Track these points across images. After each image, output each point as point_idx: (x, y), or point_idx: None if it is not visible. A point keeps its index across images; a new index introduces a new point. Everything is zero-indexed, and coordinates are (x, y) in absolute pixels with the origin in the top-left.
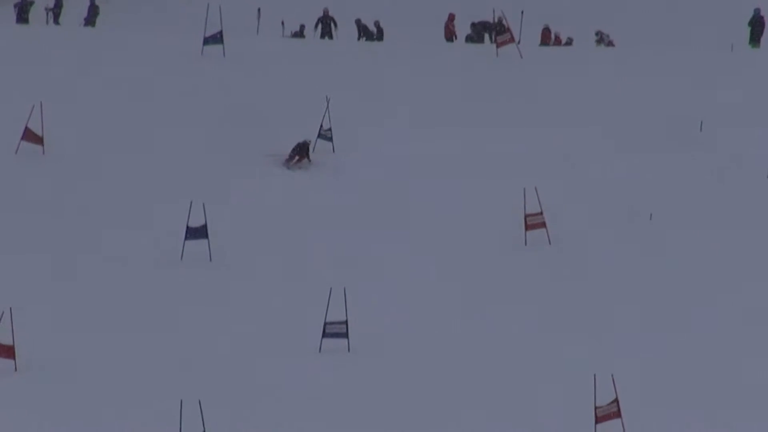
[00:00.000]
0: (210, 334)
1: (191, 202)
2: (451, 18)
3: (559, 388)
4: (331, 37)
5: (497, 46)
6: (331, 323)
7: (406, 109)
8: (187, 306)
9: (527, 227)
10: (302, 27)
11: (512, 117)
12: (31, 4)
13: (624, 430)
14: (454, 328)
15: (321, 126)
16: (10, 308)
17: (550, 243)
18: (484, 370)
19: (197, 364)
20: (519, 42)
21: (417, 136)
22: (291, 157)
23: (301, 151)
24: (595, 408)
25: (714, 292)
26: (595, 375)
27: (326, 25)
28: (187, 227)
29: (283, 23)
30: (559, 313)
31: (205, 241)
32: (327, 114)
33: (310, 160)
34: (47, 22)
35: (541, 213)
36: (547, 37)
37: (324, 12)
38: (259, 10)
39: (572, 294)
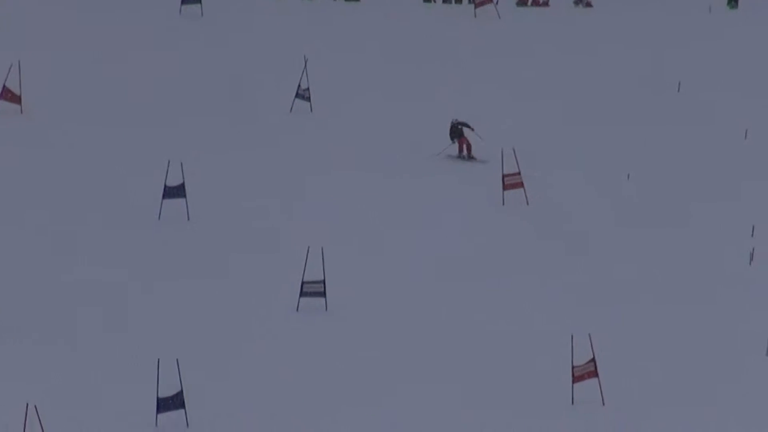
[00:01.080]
0: (186, 293)
1: (168, 162)
2: None
3: (537, 347)
4: None
5: (475, 7)
6: (309, 282)
7: (384, 69)
8: (163, 266)
9: (505, 187)
10: None
11: (489, 78)
12: None
13: (601, 389)
14: (431, 287)
15: (299, 86)
16: None
17: (528, 203)
18: (461, 329)
19: (173, 323)
20: (497, 2)
21: (395, 97)
22: (460, 149)
23: (457, 133)
24: (573, 367)
25: (693, 254)
26: (572, 335)
27: None
28: (165, 186)
29: None
30: (537, 273)
31: (182, 200)
32: (305, 74)
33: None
34: None
35: (519, 173)
36: None
37: None
38: None
39: (551, 254)
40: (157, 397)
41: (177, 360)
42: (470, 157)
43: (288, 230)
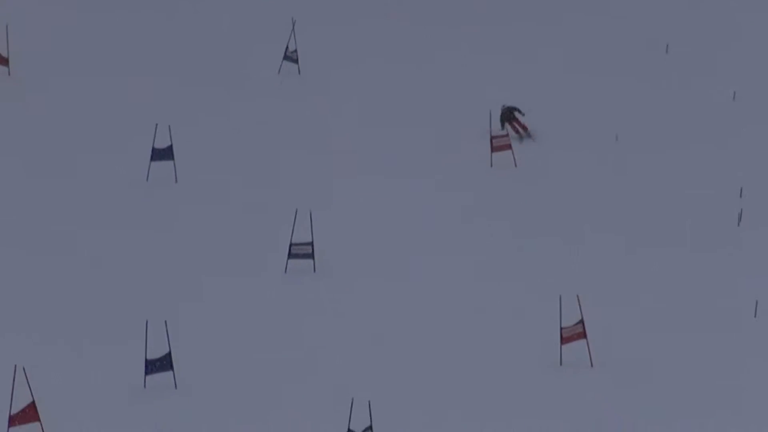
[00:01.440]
0: (175, 255)
1: (156, 124)
2: None
3: (525, 309)
4: None
5: None
6: (297, 244)
7: (378, 31)
8: (151, 227)
9: (493, 149)
10: None
11: (478, 37)
12: None
13: (589, 350)
14: (419, 247)
15: (287, 48)
16: None
17: (516, 165)
18: (451, 288)
19: (162, 283)
20: None
21: (388, 59)
22: (515, 130)
23: (509, 117)
24: (561, 329)
25: (681, 214)
26: (560, 296)
27: None
28: (153, 148)
29: None
30: (525, 235)
31: (170, 162)
32: (293, 36)
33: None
34: None
35: (507, 135)
36: None
37: None
38: None
39: (538, 215)
40: (146, 359)
41: (165, 321)
42: (527, 135)
43: (276, 193)
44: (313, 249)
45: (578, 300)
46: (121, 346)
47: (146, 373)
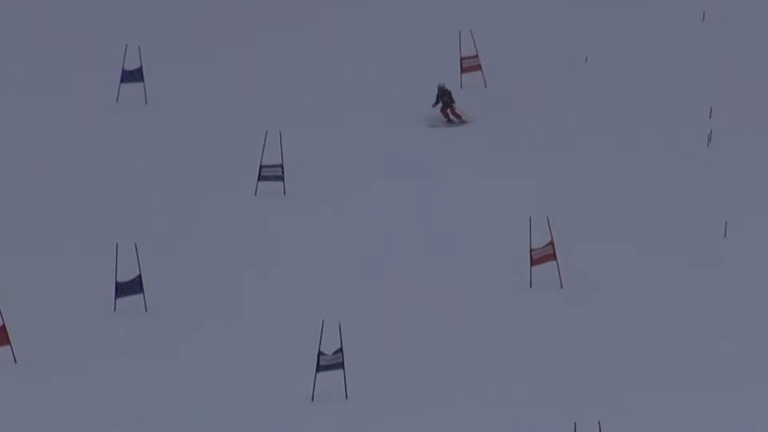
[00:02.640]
0: (144, 177)
1: (126, 45)
2: None
3: (497, 231)
4: None
5: None
6: (267, 166)
7: None
8: (120, 150)
9: (462, 70)
10: None
11: None
12: None
13: (558, 270)
14: (388, 169)
15: None
16: None
17: (486, 86)
18: (419, 210)
19: (131, 208)
20: None
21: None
22: (444, 112)
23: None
24: (531, 250)
25: (652, 136)
26: (530, 218)
27: None
28: (123, 70)
29: None
30: (497, 156)
31: (140, 84)
32: None
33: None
34: None
35: (477, 56)
36: None
37: None
38: None
39: (507, 134)
40: (116, 282)
41: (135, 244)
42: (458, 119)
43: (248, 112)
44: (283, 171)
45: (548, 221)
46: (91, 270)
47: (116, 296)
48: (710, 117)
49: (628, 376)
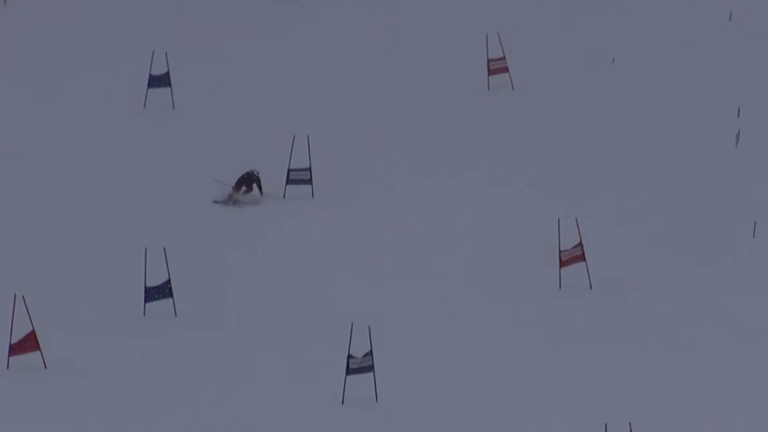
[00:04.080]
0: (174, 183)
1: (153, 51)
2: None
3: (524, 233)
4: None
5: None
6: (295, 170)
7: None
8: (148, 153)
9: (490, 72)
10: None
11: None
12: None
13: (588, 271)
14: (417, 169)
15: None
16: None
17: (513, 88)
18: (448, 209)
19: (160, 211)
20: None
21: None
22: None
23: (249, 181)
24: (560, 252)
25: (679, 136)
26: (559, 219)
27: None
28: (150, 75)
29: None
30: (522, 154)
31: (167, 89)
32: None
33: (261, 192)
34: None
35: (504, 58)
36: None
37: None
38: None
39: (535, 135)
40: (145, 286)
41: (164, 249)
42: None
43: (275, 116)
44: (311, 174)
45: (576, 222)
46: (120, 274)
47: (145, 301)
48: (738, 117)
49: (658, 379)
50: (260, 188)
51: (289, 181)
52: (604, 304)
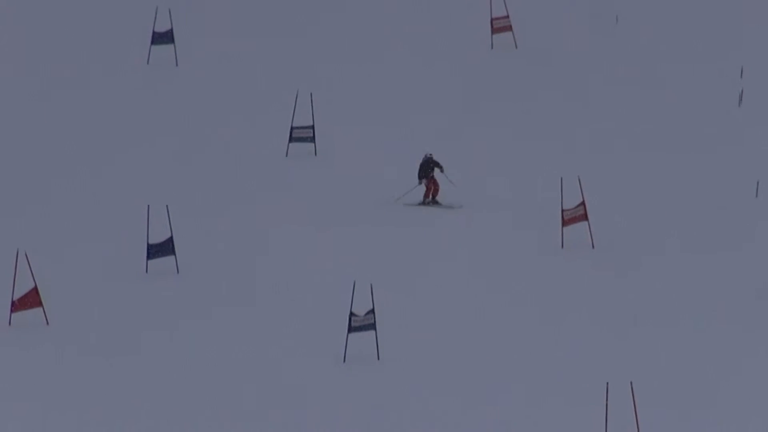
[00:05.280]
0: (175, 142)
1: (156, 7)
2: None
3: (527, 189)
4: None
5: None
6: (298, 128)
7: None
8: (151, 113)
9: (493, 30)
10: None
11: None
12: None
13: (590, 231)
14: (421, 130)
15: None
16: None
17: (516, 47)
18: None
19: (162, 170)
20: None
21: None
22: (426, 194)
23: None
24: (562, 211)
25: (682, 99)
26: (561, 178)
27: None
28: (154, 32)
29: None
30: (526, 114)
31: (171, 45)
32: None
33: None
34: None
35: (507, 16)
36: None
37: None
38: None
39: (538, 96)
40: (147, 244)
41: (167, 206)
42: (434, 202)
43: (278, 74)
44: (314, 132)
45: (579, 181)
46: (123, 232)
47: (148, 258)
48: (741, 77)
49: (659, 339)
50: (441, 168)
51: (292, 139)
52: (605, 264)
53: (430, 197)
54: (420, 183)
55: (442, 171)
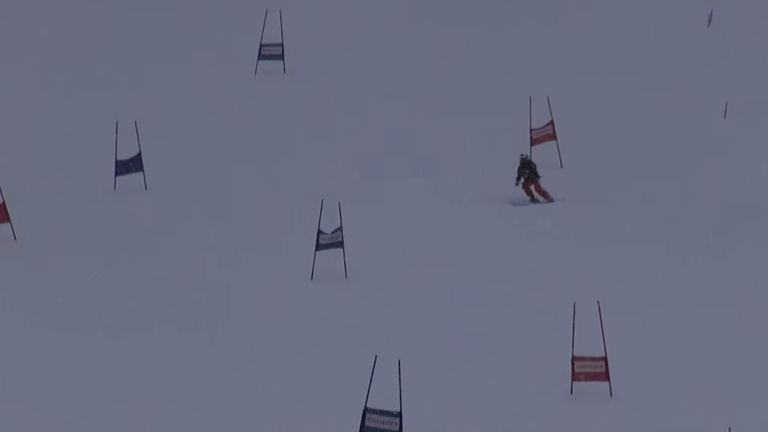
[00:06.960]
0: (150, 55)
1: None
2: None
3: (496, 113)
4: None
5: None
6: (267, 45)
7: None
8: (124, 27)
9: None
10: None
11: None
12: None
13: (559, 151)
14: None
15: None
16: None
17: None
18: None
19: (133, 83)
20: None
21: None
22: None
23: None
24: (531, 130)
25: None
26: (530, 97)
27: None
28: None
29: None
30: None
31: None
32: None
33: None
34: None
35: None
36: None
37: None
38: None
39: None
40: (116, 160)
41: (135, 123)
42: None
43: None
44: (283, 50)
45: (548, 100)
46: (91, 149)
47: (116, 174)
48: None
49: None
50: (536, 173)
51: (260, 56)
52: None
53: (533, 195)
54: (517, 184)
55: (538, 177)
